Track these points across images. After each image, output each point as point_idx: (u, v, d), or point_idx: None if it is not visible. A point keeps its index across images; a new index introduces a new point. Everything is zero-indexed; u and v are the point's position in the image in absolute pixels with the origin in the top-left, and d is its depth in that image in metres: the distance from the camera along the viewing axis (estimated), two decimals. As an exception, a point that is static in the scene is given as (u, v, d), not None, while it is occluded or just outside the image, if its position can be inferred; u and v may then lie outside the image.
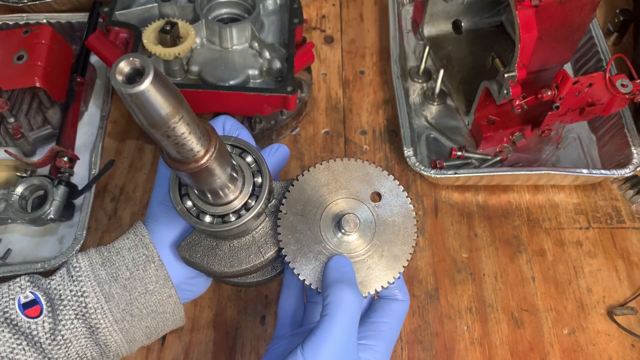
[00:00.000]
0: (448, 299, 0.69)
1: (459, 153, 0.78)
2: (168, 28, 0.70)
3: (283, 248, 0.49)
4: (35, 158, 0.75)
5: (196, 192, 0.46)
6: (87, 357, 0.49)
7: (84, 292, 0.48)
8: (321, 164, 0.52)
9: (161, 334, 0.53)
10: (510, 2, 0.65)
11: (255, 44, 0.76)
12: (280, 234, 0.49)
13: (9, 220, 0.70)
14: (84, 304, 0.48)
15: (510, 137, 0.79)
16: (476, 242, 0.74)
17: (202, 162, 0.37)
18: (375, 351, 0.48)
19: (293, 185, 0.51)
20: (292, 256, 0.49)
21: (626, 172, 0.74)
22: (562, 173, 0.73)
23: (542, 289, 0.70)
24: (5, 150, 0.74)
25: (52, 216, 0.70)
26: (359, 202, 0.51)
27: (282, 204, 0.50)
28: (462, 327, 0.67)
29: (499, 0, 0.85)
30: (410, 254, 0.50)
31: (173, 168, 0.38)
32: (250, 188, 0.47)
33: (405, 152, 0.75)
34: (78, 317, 0.48)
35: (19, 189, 0.70)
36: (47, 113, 0.78)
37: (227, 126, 0.55)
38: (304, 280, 0.48)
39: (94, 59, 0.85)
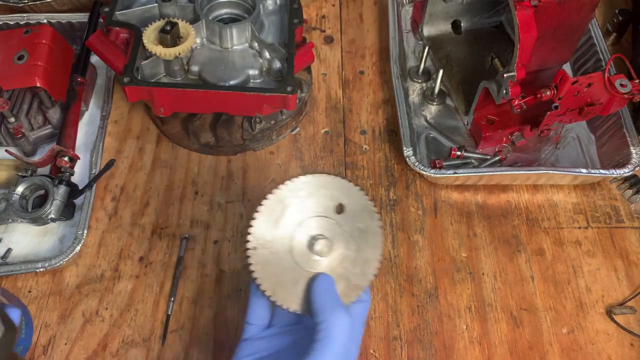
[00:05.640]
0: (447, 298, 0.69)
1: (458, 153, 0.79)
2: (168, 28, 0.70)
3: (260, 284, 0.49)
4: (36, 158, 0.76)
5: None
6: None
7: None
8: (279, 188, 0.50)
9: None
10: (509, 2, 0.65)
11: (255, 44, 0.76)
12: (254, 271, 0.49)
13: (10, 220, 0.71)
14: None
15: (510, 136, 0.80)
16: (475, 241, 0.74)
17: None
18: None
19: (255, 218, 0.49)
20: (271, 290, 0.49)
21: (625, 171, 0.74)
22: (561, 173, 0.73)
23: (541, 288, 0.70)
24: (6, 150, 0.74)
25: (52, 216, 0.70)
26: (325, 218, 0.51)
27: (248, 240, 0.49)
28: (462, 326, 0.68)
29: (498, 0, 0.85)
30: (380, 254, 0.50)
31: None
32: None
33: (405, 151, 0.75)
34: None
35: (20, 189, 0.71)
36: (48, 113, 0.79)
37: None
38: (289, 308, 0.49)
39: (94, 58, 0.85)
